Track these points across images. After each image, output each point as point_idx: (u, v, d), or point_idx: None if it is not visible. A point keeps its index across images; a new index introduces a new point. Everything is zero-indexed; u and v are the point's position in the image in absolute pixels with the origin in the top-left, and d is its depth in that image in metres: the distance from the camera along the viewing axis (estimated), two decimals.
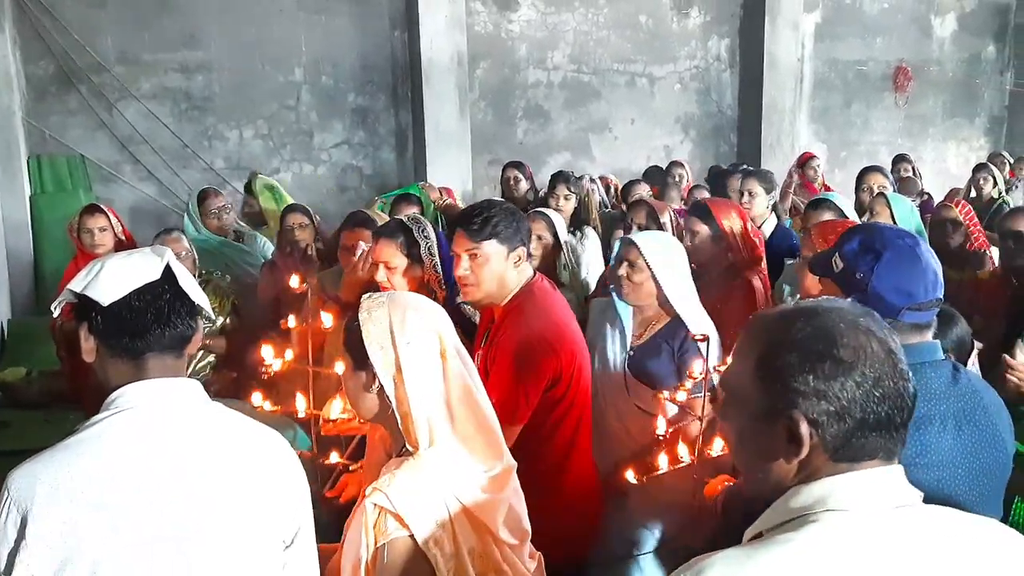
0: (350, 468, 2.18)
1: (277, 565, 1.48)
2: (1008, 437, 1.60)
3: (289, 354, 2.40)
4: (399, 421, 1.55)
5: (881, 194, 4.39)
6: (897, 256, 1.58)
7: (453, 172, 7.02)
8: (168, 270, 1.46)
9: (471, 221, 2.45)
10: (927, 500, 1.09)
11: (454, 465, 1.54)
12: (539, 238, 3.57)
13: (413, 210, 4.45)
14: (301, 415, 2.28)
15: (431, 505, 1.48)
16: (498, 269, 2.45)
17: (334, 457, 2.18)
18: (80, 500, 1.29)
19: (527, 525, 1.66)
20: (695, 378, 2.47)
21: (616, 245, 3.11)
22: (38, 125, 6.32)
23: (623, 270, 2.90)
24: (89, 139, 6.49)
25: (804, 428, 1.07)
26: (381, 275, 2.79)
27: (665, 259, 2.87)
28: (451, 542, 1.47)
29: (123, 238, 4.19)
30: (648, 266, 2.84)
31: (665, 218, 4.01)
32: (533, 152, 7.62)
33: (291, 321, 2.49)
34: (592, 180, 5.64)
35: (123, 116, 6.50)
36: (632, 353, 2.93)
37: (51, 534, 1.27)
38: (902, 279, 1.57)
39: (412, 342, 1.55)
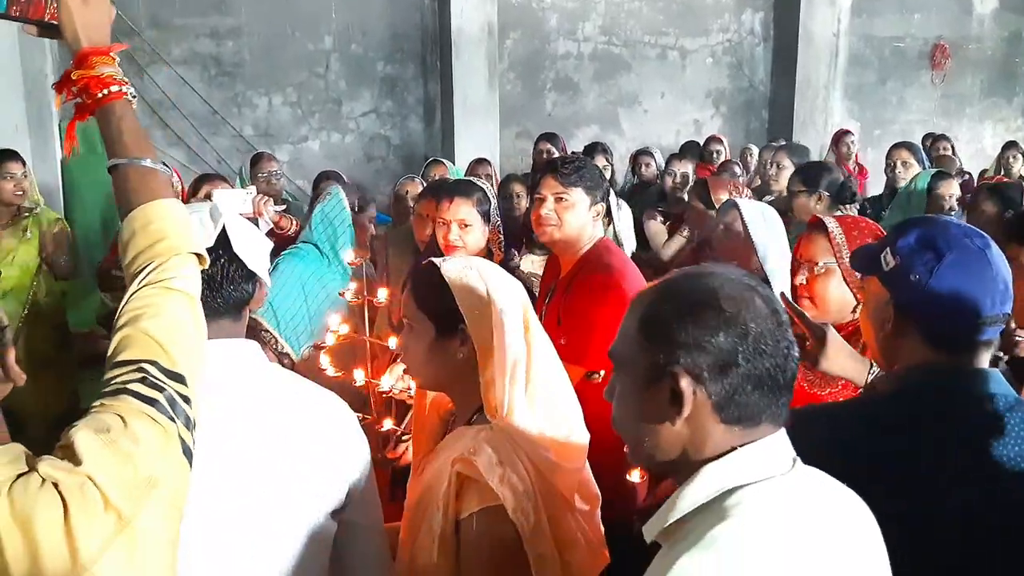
0: (403, 437, 2.17)
1: (331, 526, 1.48)
2: None
3: (344, 328, 2.40)
4: (482, 388, 1.54)
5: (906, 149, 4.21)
6: (964, 258, 1.34)
7: (481, 143, 6.97)
8: (223, 235, 1.46)
9: (564, 167, 2.59)
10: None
11: (533, 434, 1.53)
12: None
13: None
14: (359, 383, 2.30)
15: (517, 475, 1.47)
16: (581, 217, 2.58)
17: (387, 424, 2.19)
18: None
19: (597, 490, 1.65)
20: None
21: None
22: None
23: (721, 232, 3.05)
24: None
25: (685, 383, 1.04)
26: (454, 234, 2.72)
27: (764, 224, 2.94)
28: (534, 511, 1.47)
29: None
30: (746, 227, 2.91)
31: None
32: (562, 125, 7.54)
33: (348, 294, 2.49)
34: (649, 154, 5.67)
35: (153, 81, 6.50)
36: None
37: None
38: (966, 286, 1.33)
39: (505, 310, 1.55)
